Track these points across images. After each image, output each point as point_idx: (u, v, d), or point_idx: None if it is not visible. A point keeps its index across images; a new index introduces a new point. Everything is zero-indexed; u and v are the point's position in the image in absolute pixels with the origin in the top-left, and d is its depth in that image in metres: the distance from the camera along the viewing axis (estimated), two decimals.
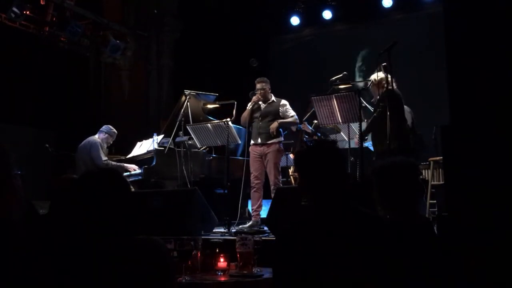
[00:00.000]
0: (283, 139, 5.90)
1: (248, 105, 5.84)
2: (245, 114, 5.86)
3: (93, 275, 1.59)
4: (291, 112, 5.87)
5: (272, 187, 5.68)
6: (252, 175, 5.78)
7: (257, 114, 5.84)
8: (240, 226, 5.60)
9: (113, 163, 6.27)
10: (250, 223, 5.65)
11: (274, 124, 5.70)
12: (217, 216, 5.07)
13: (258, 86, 5.83)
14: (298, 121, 5.96)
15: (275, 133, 5.71)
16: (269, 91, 5.88)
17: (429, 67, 7.99)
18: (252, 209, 5.77)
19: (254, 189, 5.75)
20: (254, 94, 5.81)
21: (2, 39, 7.57)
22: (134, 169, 6.25)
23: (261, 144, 5.73)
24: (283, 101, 5.89)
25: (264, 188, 5.82)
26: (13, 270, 1.50)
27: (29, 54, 8.27)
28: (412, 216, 2.23)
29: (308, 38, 9.81)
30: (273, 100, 5.88)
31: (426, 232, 2.23)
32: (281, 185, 5.75)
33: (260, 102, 5.84)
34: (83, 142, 6.32)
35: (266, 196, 5.98)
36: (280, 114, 5.81)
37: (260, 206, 5.75)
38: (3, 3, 7.23)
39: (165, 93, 9.32)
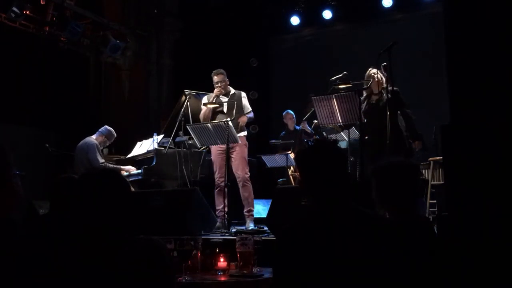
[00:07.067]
0: (246, 133, 5.67)
1: (207, 101, 5.58)
2: (207, 112, 5.55)
3: (93, 275, 1.59)
4: (249, 107, 5.66)
5: (240, 183, 5.43)
6: (216, 174, 5.49)
7: (220, 108, 5.57)
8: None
9: (110, 165, 6.24)
10: (218, 224, 5.11)
11: (243, 118, 5.50)
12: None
13: (218, 78, 5.53)
14: (253, 117, 5.74)
15: (243, 127, 5.50)
16: (228, 83, 5.63)
17: (429, 67, 8.01)
18: (217, 210, 5.40)
19: (219, 188, 5.44)
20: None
21: (2, 39, 7.57)
22: (131, 170, 6.25)
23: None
24: (243, 93, 5.69)
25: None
26: (13, 270, 1.50)
27: (29, 54, 8.26)
28: (412, 216, 2.23)
29: (308, 38, 9.80)
30: (234, 92, 5.64)
31: (426, 232, 2.23)
32: (249, 180, 5.47)
33: (220, 96, 5.56)
34: (80, 143, 6.24)
35: (263, 196, 5.89)
36: (243, 106, 5.60)
37: (225, 206, 5.29)
38: (3, 3, 7.22)
39: (165, 93, 9.30)
